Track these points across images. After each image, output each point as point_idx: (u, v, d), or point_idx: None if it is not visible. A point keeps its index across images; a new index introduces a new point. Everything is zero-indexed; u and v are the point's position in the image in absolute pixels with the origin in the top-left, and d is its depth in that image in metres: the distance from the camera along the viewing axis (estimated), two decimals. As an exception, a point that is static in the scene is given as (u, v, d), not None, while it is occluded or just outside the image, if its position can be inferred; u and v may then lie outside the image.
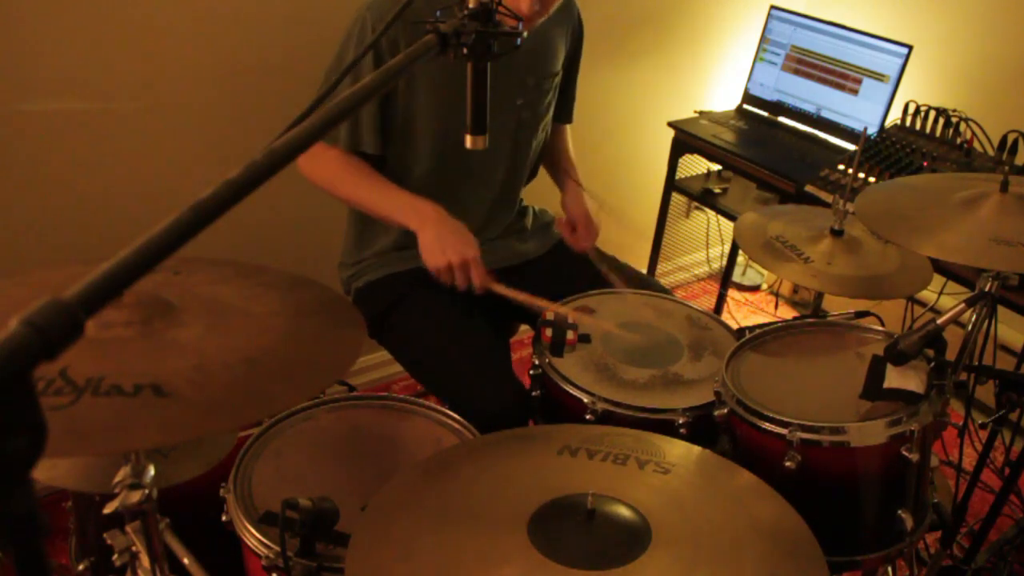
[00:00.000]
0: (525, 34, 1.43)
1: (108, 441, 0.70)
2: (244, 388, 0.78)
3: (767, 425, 1.20)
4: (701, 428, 1.31)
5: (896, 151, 2.14)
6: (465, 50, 0.91)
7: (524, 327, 1.98)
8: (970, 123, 2.12)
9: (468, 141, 1.04)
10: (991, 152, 2.09)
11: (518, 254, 1.77)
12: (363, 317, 0.99)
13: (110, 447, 0.77)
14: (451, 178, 1.63)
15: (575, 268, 1.74)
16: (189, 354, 0.80)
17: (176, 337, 0.83)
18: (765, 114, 2.60)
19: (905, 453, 1.18)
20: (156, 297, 0.88)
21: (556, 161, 1.86)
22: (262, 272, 1.03)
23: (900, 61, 2.26)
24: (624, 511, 0.93)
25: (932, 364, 1.24)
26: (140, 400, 0.73)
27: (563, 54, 1.71)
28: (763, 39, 2.59)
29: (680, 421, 1.30)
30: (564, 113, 1.85)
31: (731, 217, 2.51)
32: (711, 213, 3.01)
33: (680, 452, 1.06)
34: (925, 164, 2.08)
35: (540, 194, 1.91)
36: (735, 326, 1.57)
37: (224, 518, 1.11)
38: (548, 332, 1.46)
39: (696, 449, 1.08)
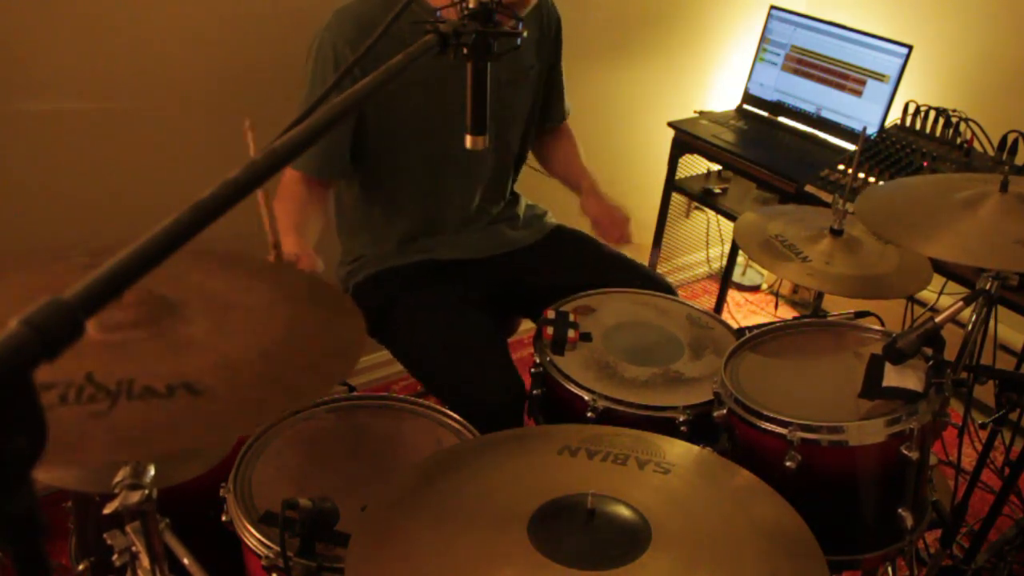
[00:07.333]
0: (525, 33, 1.43)
1: (157, 443, 0.69)
2: (271, 381, 0.78)
3: (767, 425, 1.20)
4: (702, 426, 1.32)
5: (896, 151, 2.14)
6: (465, 50, 0.91)
7: (524, 328, 1.98)
8: (970, 123, 2.12)
9: (468, 141, 1.04)
10: (991, 152, 2.09)
11: (509, 241, 1.78)
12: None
13: (161, 448, 0.76)
14: (438, 173, 1.64)
15: (570, 258, 1.74)
16: (206, 351, 0.80)
17: (187, 334, 0.82)
18: (765, 114, 2.59)
19: (904, 451, 1.19)
20: (153, 294, 0.88)
21: (566, 170, 1.85)
22: (242, 260, 1.01)
23: (900, 61, 2.26)
24: (624, 511, 0.93)
25: (930, 363, 1.24)
26: (177, 400, 0.72)
27: (533, 45, 1.69)
28: (763, 39, 2.58)
29: (681, 419, 1.31)
30: (555, 112, 1.84)
31: (731, 217, 2.51)
32: (711, 213, 3.00)
33: (680, 452, 1.06)
34: (925, 164, 2.08)
35: (538, 194, 1.91)
36: (735, 326, 1.58)
37: (224, 518, 1.11)
38: (549, 330, 1.47)
39: (696, 449, 1.08)
